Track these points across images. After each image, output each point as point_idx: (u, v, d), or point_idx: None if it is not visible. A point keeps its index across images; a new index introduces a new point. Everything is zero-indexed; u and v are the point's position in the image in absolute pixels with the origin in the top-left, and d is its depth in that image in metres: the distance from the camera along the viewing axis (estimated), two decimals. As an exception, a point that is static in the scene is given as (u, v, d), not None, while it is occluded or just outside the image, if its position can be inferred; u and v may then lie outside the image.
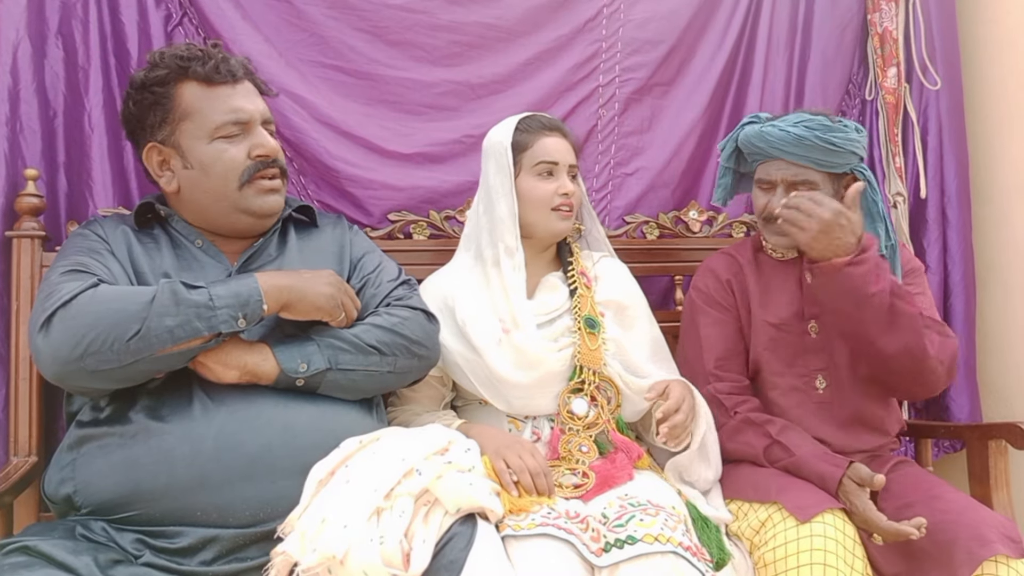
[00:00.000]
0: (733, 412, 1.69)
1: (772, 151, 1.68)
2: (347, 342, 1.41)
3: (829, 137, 1.64)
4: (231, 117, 1.45)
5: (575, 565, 1.28)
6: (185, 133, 1.44)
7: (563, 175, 1.69)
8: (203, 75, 1.45)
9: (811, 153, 1.65)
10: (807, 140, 1.64)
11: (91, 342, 1.24)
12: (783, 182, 1.69)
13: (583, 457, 1.55)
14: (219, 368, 1.33)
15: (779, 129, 1.67)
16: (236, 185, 1.45)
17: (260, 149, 1.47)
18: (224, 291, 1.32)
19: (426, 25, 2.01)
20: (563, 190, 1.68)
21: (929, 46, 2.23)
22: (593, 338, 1.65)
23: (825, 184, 1.69)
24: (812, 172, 1.67)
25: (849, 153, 1.66)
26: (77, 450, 1.33)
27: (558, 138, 1.71)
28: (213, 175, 1.45)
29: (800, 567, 1.40)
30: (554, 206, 1.68)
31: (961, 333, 2.17)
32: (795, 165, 1.67)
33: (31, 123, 1.78)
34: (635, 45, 2.13)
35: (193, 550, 1.25)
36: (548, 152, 1.69)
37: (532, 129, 1.70)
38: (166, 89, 1.45)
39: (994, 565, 1.41)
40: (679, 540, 1.29)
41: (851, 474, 1.52)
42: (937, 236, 2.21)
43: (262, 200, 1.48)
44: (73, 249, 1.43)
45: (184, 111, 1.44)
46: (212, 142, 1.44)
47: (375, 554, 1.15)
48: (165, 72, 1.45)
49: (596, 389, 1.61)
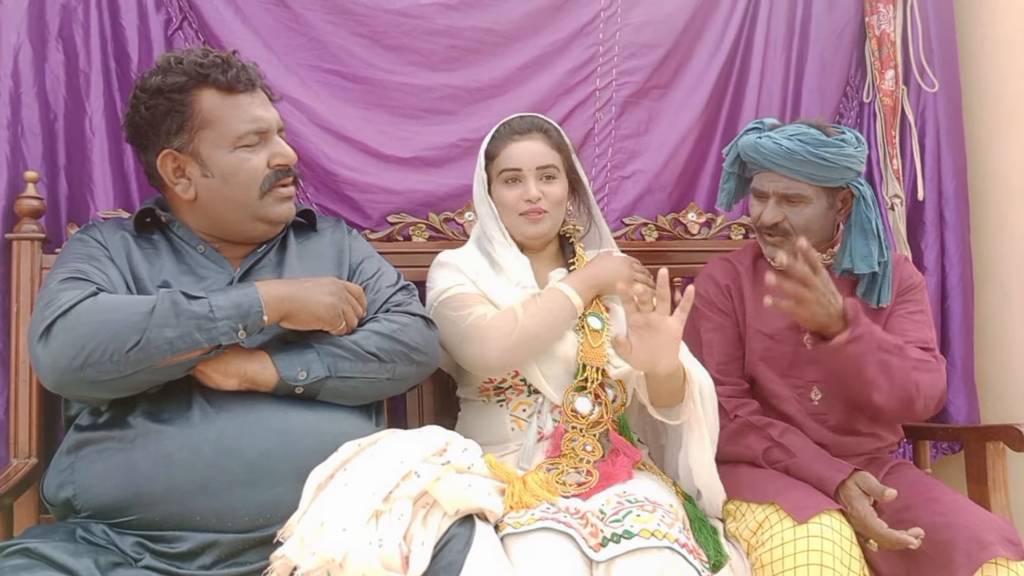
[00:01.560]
0: (733, 415, 1.70)
1: (766, 163, 1.68)
2: (346, 349, 1.41)
3: (821, 152, 1.62)
4: (253, 127, 1.45)
5: (575, 558, 1.28)
6: (205, 141, 1.43)
7: (529, 180, 1.68)
8: (224, 83, 1.43)
9: (803, 168, 1.64)
10: (798, 155, 1.63)
11: (90, 353, 1.24)
12: (775, 194, 1.69)
13: (587, 456, 1.55)
14: (218, 376, 1.33)
15: (773, 142, 1.66)
16: (257, 194, 1.45)
17: (280, 159, 1.48)
18: (225, 301, 1.31)
19: (424, 30, 2.02)
20: (526, 196, 1.68)
21: (927, 48, 2.23)
22: (596, 336, 1.65)
23: (818, 198, 1.68)
24: (804, 186, 1.66)
25: (843, 168, 1.65)
26: (76, 454, 1.33)
27: (528, 141, 1.70)
28: (235, 184, 1.44)
29: (797, 568, 1.41)
30: (521, 212, 1.69)
31: (959, 335, 2.18)
32: (787, 178, 1.67)
33: (32, 126, 1.79)
34: (632, 49, 2.14)
35: (193, 554, 1.25)
36: (511, 159, 1.69)
37: (502, 136, 1.71)
38: (184, 96, 1.42)
39: (994, 567, 1.42)
40: (676, 536, 1.30)
41: (859, 481, 1.52)
42: (935, 238, 2.21)
43: (280, 208, 1.49)
44: (72, 255, 1.42)
45: (204, 119, 1.42)
46: (234, 151, 1.44)
47: (374, 557, 1.15)
48: (183, 79, 1.42)
49: (600, 387, 1.61)
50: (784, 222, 1.69)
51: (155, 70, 1.45)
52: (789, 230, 1.68)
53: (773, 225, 1.70)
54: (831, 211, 1.71)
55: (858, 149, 1.66)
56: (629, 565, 1.26)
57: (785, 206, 1.68)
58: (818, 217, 1.69)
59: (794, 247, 1.59)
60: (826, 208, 1.69)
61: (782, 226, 1.69)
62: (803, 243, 1.51)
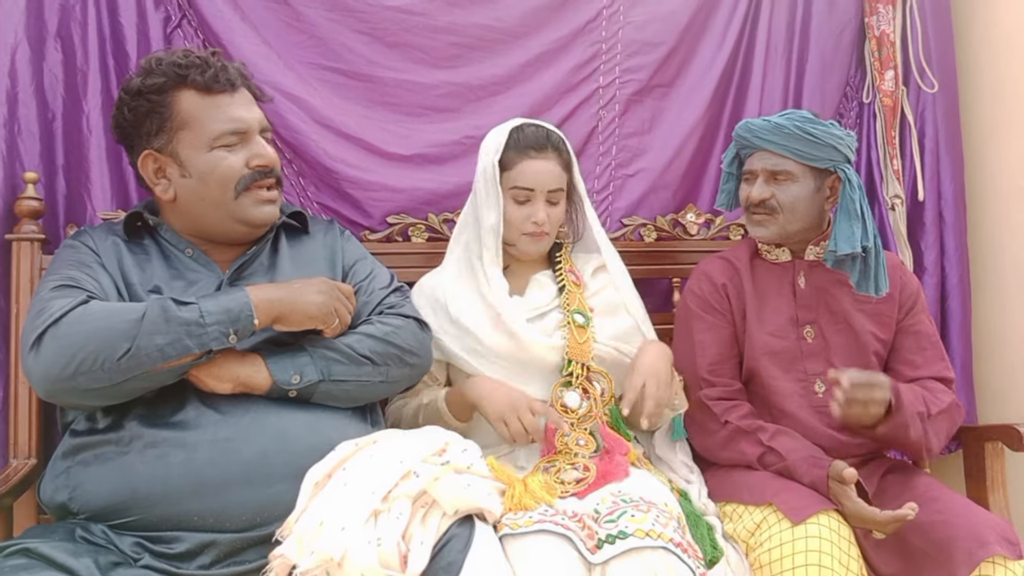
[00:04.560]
0: (724, 421, 1.70)
1: (756, 140, 1.72)
2: (340, 352, 1.42)
3: (808, 128, 1.67)
4: (230, 127, 1.44)
5: (573, 560, 1.28)
6: (183, 142, 1.43)
7: (539, 201, 1.69)
8: (202, 84, 1.43)
9: (790, 143, 1.68)
10: (786, 128, 1.68)
11: (81, 361, 1.24)
12: (763, 172, 1.72)
13: (581, 451, 1.56)
14: (212, 381, 1.34)
15: (763, 120, 1.73)
16: (232, 194, 1.45)
17: (258, 159, 1.47)
18: (214, 307, 1.31)
19: (425, 27, 2.01)
20: (534, 218, 1.68)
21: (926, 49, 2.23)
22: (582, 331, 1.66)
23: (804, 177, 1.70)
24: (791, 163, 1.70)
25: (830, 148, 1.68)
26: (72, 458, 1.34)
27: (543, 161, 1.69)
28: (210, 183, 1.44)
29: (795, 568, 1.41)
30: (525, 231, 1.70)
31: (958, 335, 2.18)
32: (775, 155, 1.70)
33: (30, 125, 1.78)
34: (635, 47, 2.13)
35: (191, 554, 1.25)
36: (526, 179, 1.68)
37: (520, 148, 1.69)
38: (163, 97, 1.43)
39: (991, 566, 1.42)
40: (670, 536, 1.30)
41: (832, 474, 1.53)
42: (934, 238, 2.21)
43: (258, 210, 1.48)
44: (64, 262, 1.42)
45: (182, 120, 1.43)
46: (211, 151, 1.44)
47: (373, 556, 1.15)
48: (162, 80, 1.43)
49: (587, 381, 1.63)
50: (771, 199, 1.72)
51: (138, 72, 1.47)
52: (776, 207, 1.72)
53: (760, 202, 1.72)
54: (818, 195, 1.73)
55: (847, 134, 1.72)
56: (624, 565, 1.26)
57: (772, 184, 1.72)
58: (804, 197, 1.71)
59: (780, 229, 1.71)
60: (813, 190, 1.71)
61: (769, 203, 1.72)
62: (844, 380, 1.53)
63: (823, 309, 1.76)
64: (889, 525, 1.46)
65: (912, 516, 1.44)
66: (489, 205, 1.69)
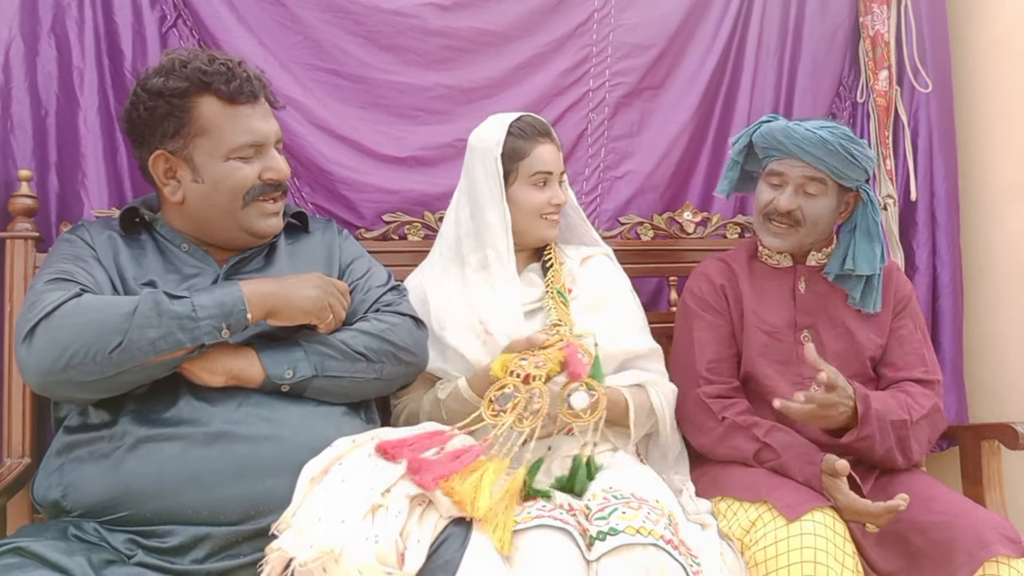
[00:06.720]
0: (721, 417, 1.70)
1: (793, 148, 1.69)
2: (335, 348, 1.41)
3: (850, 147, 1.66)
4: (249, 139, 1.44)
5: (573, 554, 1.27)
6: (200, 148, 1.42)
7: (555, 183, 1.73)
8: (226, 93, 1.42)
9: (830, 159, 1.67)
10: (831, 144, 1.66)
11: (73, 354, 1.24)
12: (795, 181, 1.70)
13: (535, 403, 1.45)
14: (205, 374, 1.34)
15: (805, 129, 1.69)
16: (240, 203, 1.44)
17: (271, 173, 1.47)
18: (208, 301, 1.31)
19: (418, 30, 2.02)
20: (556, 200, 1.72)
21: (920, 49, 2.24)
22: (565, 308, 1.66)
23: (832, 194, 1.71)
24: (826, 177, 1.69)
25: (862, 169, 1.69)
26: (66, 455, 1.33)
27: (551, 144, 1.73)
28: (222, 191, 1.43)
29: (791, 565, 1.41)
30: (544, 213, 1.72)
31: (949, 334, 2.20)
32: (811, 167, 1.69)
33: (22, 122, 1.78)
34: (625, 49, 2.15)
35: (185, 548, 1.24)
36: (545, 162, 1.70)
37: (528, 136, 1.71)
38: (184, 101, 1.41)
39: (995, 566, 1.42)
40: (660, 533, 1.29)
41: (825, 467, 1.53)
42: (927, 238, 2.23)
43: (264, 223, 1.48)
44: (59, 256, 1.42)
45: (201, 127, 1.41)
46: (227, 161, 1.43)
47: (370, 552, 1.15)
48: (185, 84, 1.41)
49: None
50: (797, 211, 1.71)
51: (159, 70, 1.44)
52: (800, 220, 1.71)
53: (787, 212, 1.71)
54: (836, 211, 1.73)
55: (872, 154, 1.72)
56: (615, 562, 1.26)
57: (801, 195, 1.70)
58: (828, 213, 1.72)
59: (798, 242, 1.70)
60: (835, 206, 1.72)
61: (794, 215, 1.71)
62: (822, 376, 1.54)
63: (822, 314, 1.76)
64: (882, 517, 1.46)
65: (903, 507, 1.44)
66: (493, 201, 1.69)
